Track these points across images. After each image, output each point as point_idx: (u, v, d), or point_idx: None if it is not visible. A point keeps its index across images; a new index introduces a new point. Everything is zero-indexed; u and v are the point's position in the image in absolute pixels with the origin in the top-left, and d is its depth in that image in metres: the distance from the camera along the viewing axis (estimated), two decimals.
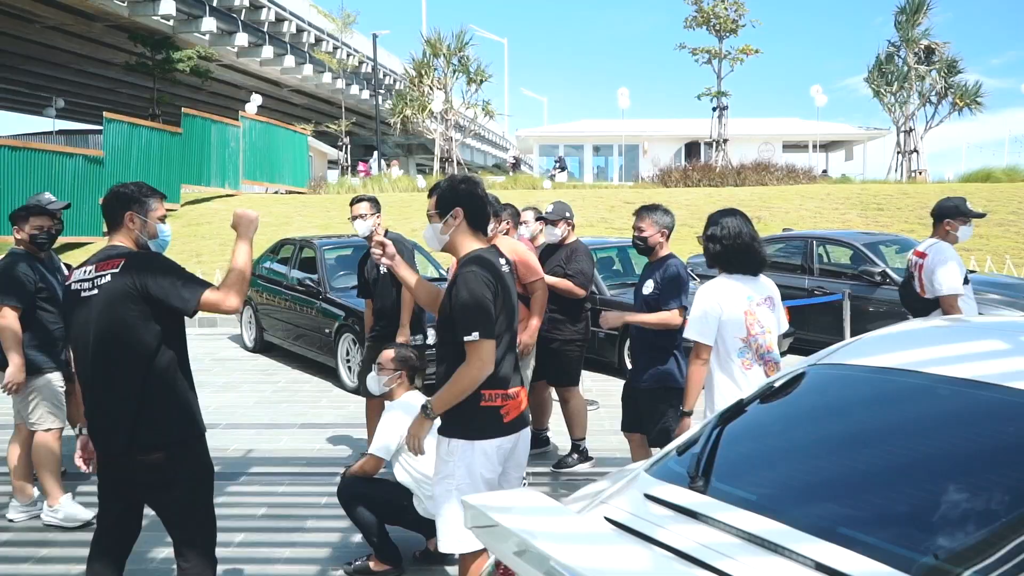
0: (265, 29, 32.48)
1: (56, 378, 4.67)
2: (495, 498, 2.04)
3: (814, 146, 34.09)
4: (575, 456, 5.61)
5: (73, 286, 2.94)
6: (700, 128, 31.15)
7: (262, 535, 4.45)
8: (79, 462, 3.12)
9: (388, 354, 4.14)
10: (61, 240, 5.79)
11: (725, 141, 27.81)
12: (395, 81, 40.42)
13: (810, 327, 9.10)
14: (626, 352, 7.95)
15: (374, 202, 5.50)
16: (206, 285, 2.90)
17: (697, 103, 31.46)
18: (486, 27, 50.09)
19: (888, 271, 9.09)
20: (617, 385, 5.72)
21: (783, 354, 7.16)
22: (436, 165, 29.11)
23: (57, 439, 4.66)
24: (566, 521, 1.88)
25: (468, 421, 2.97)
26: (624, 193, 22.22)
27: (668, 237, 4.49)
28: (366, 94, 39.00)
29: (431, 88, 28.76)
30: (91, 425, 2.98)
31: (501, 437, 2.98)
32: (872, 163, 39.04)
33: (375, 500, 3.88)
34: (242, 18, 30.89)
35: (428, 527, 3.90)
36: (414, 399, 4.05)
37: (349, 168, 32.30)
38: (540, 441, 5.84)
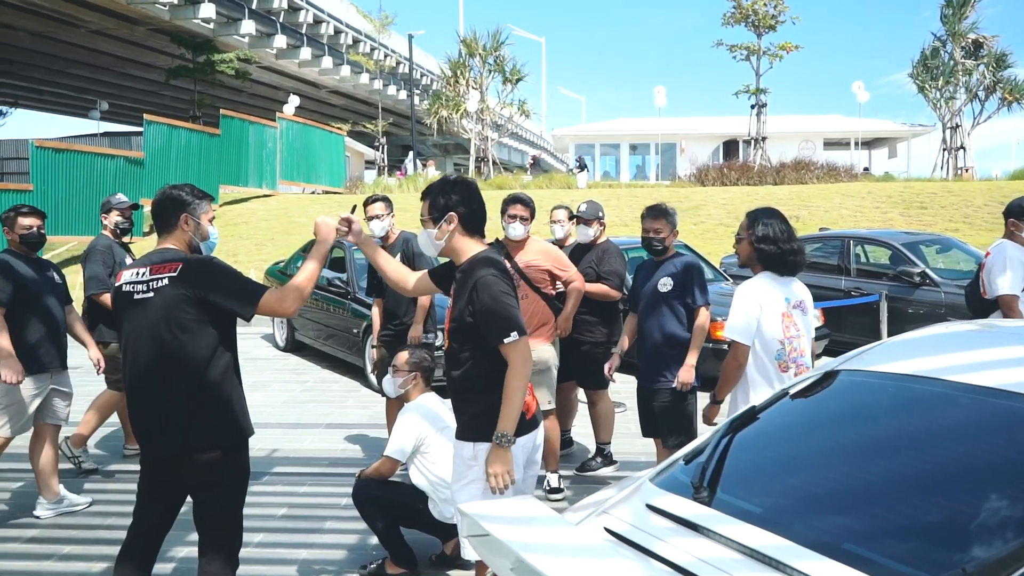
0: (303, 31, 32.78)
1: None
2: (491, 507, 1.99)
3: (856, 143, 33.44)
4: (599, 459, 5.53)
5: (124, 287, 2.94)
6: (738, 126, 30.74)
7: (281, 535, 4.44)
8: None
9: (403, 356, 4.11)
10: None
11: (764, 139, 27.38)
12: (432, 81, 40.56)
13: (846, 329, 8.88)
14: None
15: (388, 202, 5.50)
16: (263, 289, 2.94)
17: (735, 101, 31.07)
18: (524, 26, 50.12)
19: (928, 272, 8.83)
20: None
21: (817, 356, 7.01)
22: (472, 165, 29.15)
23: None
24: (561, 532, 1.82)
25: (494, 423, 2.87)
26: (660, 192, 22.02)
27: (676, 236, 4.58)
28: (403, 94, 39.18)
29: (467, 88, 28.82)
30: (139, 425, 2.98)
31: (524, 435, 2.92)
32: (917, 160, 38.21)
33: (390, 502, 3.85)
34: (281, 20, 31.21)
35: (444, 531, 3.87)
36: (429, 401, 4.02)
37: (386, 168, 32.50)
38: (563, 442, 5.76)
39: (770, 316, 3.54)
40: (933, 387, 2.06)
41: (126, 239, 5.85)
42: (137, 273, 2.93)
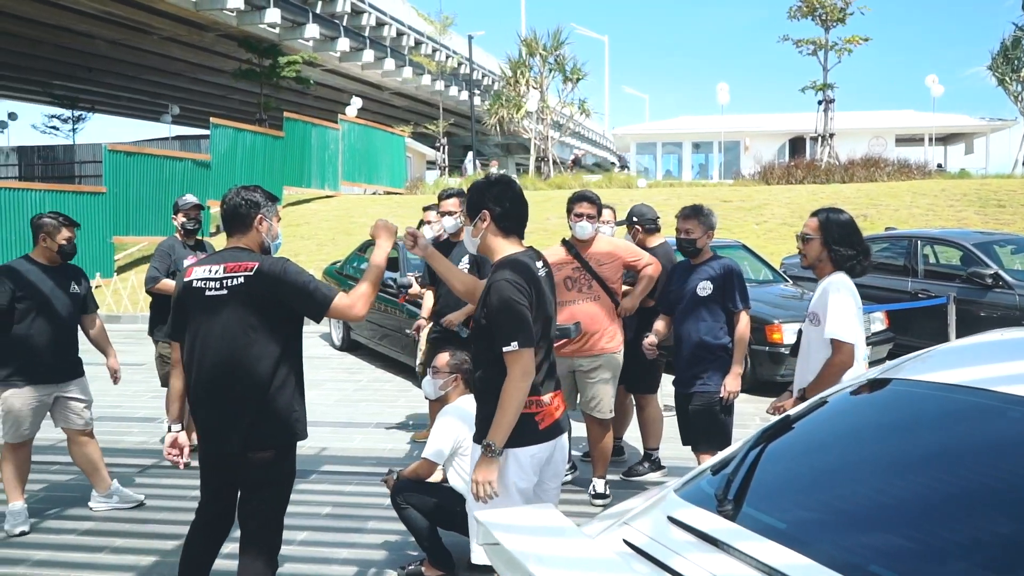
0: (366, 34, 33.24)
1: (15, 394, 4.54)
2: (507, 515, 1.93)
3: (930, 139, 32.23)
4: (646, 465, 5.42)
5: (195, 283, 2.99)
6: (805, 123, 29.95)
7: (324, 534, 4.48)
8: (171, 458, 3.18)
9: (443, 358, 4.09)
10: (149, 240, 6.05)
11: (831, 136, 26.62)
12: (493, 82, 40.67)
13: (912, 333, 8.53)
14: None
15: (463, 197, 5.28)
16: (334, 293, 3.00)
17: (801, 97, 30.31)
18: (587, 25, 49.93)
19: (1002, 273, 8.42)
20: None
21: (881, 361, 6.75)
22: (532, 164, 29.10)
23: None
24: (575, 544, 1.76)
25: None
26: (722, 191, 21.60)
27: (711, 238, 4.42)
28: (464, 95, 39.40)
29: (526, 88, 28.78)
30: (203, 421, 3.02)
31: (535, 445, 2.85)
32: (996, 157, 36.54)
33: (427, 504, 3.83)
34: (344, 24, 31.74)
35: None
36: (468, 403, 3.98)
37: (446, 168, 32.70)
38: (615, 450, 5.66)
39: (860, 317, 3.47)
40: (981, 399, 1.93)
41: (197, 238, 6.01)
42: (210, 270, 2.98)
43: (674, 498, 2.04)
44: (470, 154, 31.13)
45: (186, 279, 3.04)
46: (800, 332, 3.75)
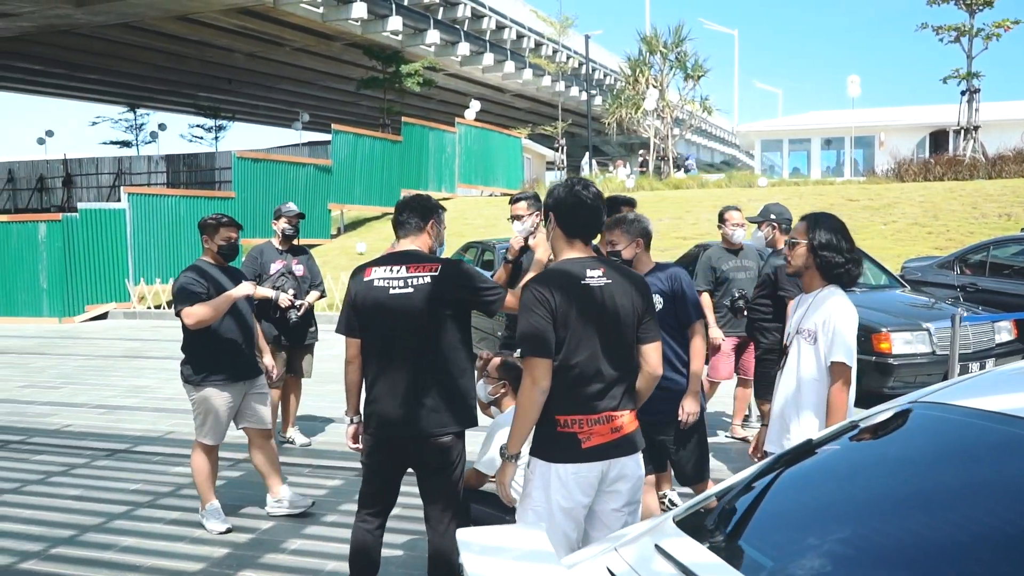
0: (487, 37, 33.69)
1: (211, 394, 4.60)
2: (484, 535, 1.86)
3: None
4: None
5: (377, 282, 3.23)
6: (947, 115, 27.97)
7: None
8: (353, 447, 3.48)
9: (495, 362, 4.02)
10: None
11: (976, 128, 24.74)
12: (615, 80, 40.29)
13: None
14: None
15: (536, 200, 5.08)
16: (504, 292, 3.28)
17: (942, 88, 28.34)
18: (715, 19, 48.74)
19: None
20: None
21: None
22: (651, 164, 28.60)
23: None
24: (544, 571, 1.66)
25: (546, 442, 2.80)
26: (849, 190, 20.49)
27: (647, 246, 3.92)
28: (584, 95, 39.28)
29: (646, 86, 28.31)
30: (386, 409, 3.23)
31: (577, 463, 2.73)
32: None
33: (477, 513, 3.77)
34: (465, 28, 32.29)
35: None
36: None
37: (565, 170, 32.64)
38: None
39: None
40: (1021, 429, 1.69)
41: (293, 243, 6.30)
42: (391, 270, 3.23)
43: (669, 526, 1.89)
44: (587, 155, 30.94)
45: (366, 279, 3.27)
46: (785, 349, 3.35)
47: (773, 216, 5.53)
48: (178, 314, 4.52)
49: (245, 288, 4.69)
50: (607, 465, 2.76)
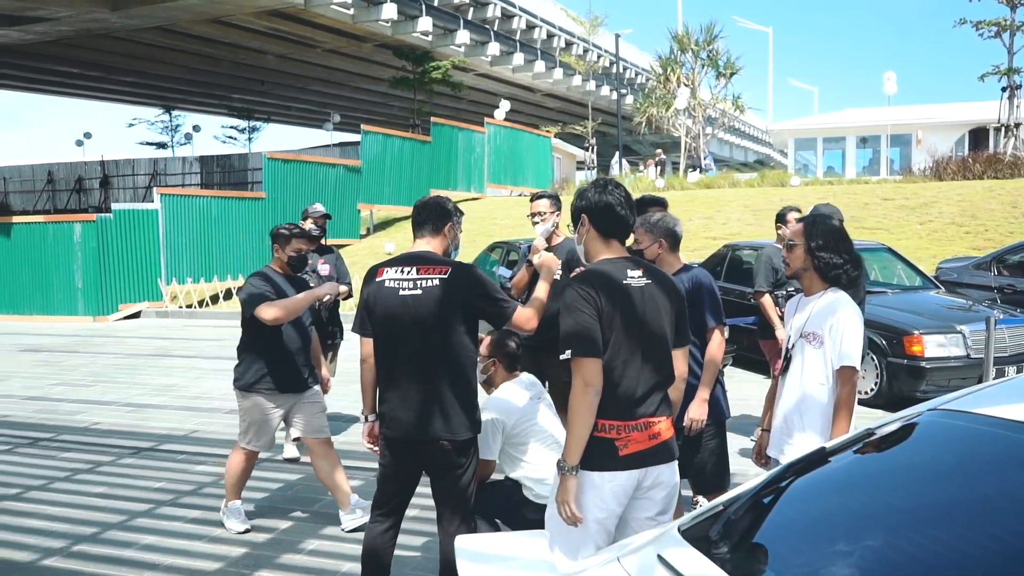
0: (516, 37, 33.67)
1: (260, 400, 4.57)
2: (483, 543, 1.81)
3: None
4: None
5: (388, 283, 3.22)
6: (987, 112, 27.35)
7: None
8: (369, 446, 3.50)
9: (484, 340, 3.85)
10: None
11: (1017, 126, 24.15)
12: (646, 79, 40.03)
13: None
14: None
15: (554, 200, 5.11)
16: (514, 305, 3.27)
17: (980, 85, 27.74)
18: (750, 16, 48.19)
19: None
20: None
21: None
22: (683, 163, 28.36)
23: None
24: None
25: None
26: (884, 189, 20.11)
27: (672, 247, 3.87)
28: (615, 95, 39.09)
29: (677, 85, 28.08)
30: (394, 411, 3.23)
31: (614, 471, 2.62)
32: None
33: (489, 502, 3.77)
34: (495, 28, 32.30)
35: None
36: (506, 391, 3.82)
37: (595, 169, 32.48)
38: None
39: None
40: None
41: (320, 243, 6.31)
42: (402, 271, 3.22)
43: (673, 536, 1.83)
44: (616, 154, 30.76)
45: (377, 279, 3.26)
46: (787, 353, 3.25)
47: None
48: (250, 316, 4.44)
49: (330, 287, 4.86)
50: (643, 473, 2.67)
